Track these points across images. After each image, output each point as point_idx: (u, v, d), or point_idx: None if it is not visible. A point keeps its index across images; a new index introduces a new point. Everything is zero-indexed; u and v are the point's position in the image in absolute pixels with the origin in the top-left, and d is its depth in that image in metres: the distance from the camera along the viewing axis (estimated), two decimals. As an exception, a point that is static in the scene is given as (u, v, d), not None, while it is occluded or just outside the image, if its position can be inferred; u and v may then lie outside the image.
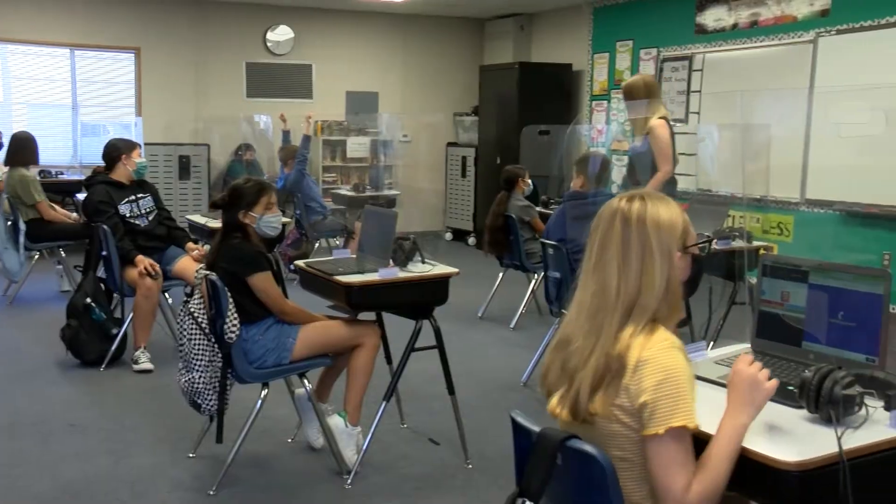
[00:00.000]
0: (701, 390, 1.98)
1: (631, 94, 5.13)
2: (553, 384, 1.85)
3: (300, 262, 3.93)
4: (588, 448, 1.70)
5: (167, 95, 9.84)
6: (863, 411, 1.82)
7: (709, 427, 1.75)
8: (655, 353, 1.71)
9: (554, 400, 1.84)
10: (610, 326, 1.75)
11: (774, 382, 1.77)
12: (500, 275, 6.64)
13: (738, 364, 1.80)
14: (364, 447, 3.63)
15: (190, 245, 5.30)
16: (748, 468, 1.72)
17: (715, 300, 5.11)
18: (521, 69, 9.95)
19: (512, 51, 10.79)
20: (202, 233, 6.20)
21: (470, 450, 3.79)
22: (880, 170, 6.14)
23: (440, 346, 3.70)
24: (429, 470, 3.72)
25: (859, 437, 1.75)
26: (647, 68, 9.06)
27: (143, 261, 4.98)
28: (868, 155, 5.74)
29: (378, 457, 3.80)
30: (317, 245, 8.23)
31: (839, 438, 1.69)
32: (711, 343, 4.68)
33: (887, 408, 1.85)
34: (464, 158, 10.90)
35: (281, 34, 10.44)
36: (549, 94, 9.86)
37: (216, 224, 5.32)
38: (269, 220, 3.61)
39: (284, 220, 6.24)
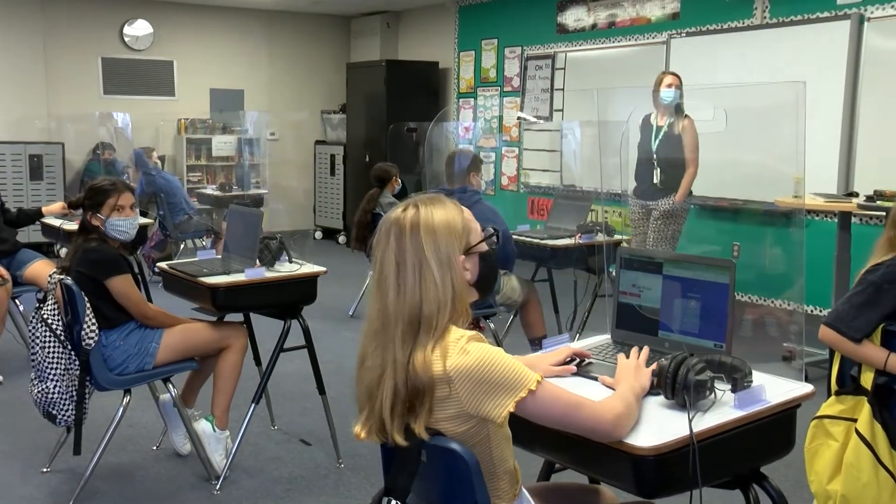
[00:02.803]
0: (572, 381, 2.07)
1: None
2: (362, 403, 1.77)
3: (163, 264, 3.82)
4: (452, 444, 1.70)
5: (13, 90, 9.30)
6: (712, 395, 1.92)
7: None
8: (456, 360, 1.66)
9: (358, 426, 1.77)
10: (395, 345, 1.69)
11: (652, 367, 1.96)
12: (370, 272, 6.62)
13: (620, 357, 1.98)
14: (233, 451, 3.55)
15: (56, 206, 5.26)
16: (608, 457, 1.78)
17: (580, 293, 5.28)
18: (388, 67, 9.96)
19: (379, 48, 10.78)
20: (57, 235, 5.91)
21: (342, 449, 3.77)
22: (727, 165, 6.48)
23: (309, 345, 3.67)
24: (300, 471, 3.68)
25: (708, 420, 1.84)
26: (512, 67, 9.24)
27: (-10, 267, 4.71)
28: (715, 151, 6.03)
29: (248, 460, 3.73)
30: (182, 246, 7.99)
31: (690, 422, 1.78)
32: (578, 335, 4.85)
33: (733, 390, 1.95)
34: (332, 156, 10.82)
35: (139, 29, 10.06)
36: (417, 92, 9.91)
37: (72, 226, 5.08)
38: (116, 223, 3.42)
39: (146, 221, 6.03)
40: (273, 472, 3.66)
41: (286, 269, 3.70)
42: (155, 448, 3.87)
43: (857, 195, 5.14)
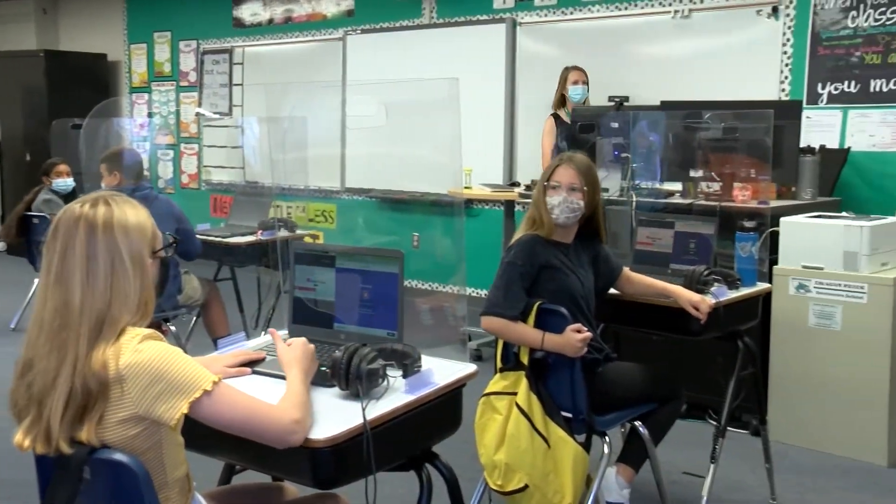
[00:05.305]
0: (251, 381, 2.05)
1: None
2: (22, 412, 1.67)
3: None
4: (119, 456, 1.61)
5: None
6: (385, 382, 1.98)
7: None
8: (129, 359, 1.61)
9: (19, 434, 1.65)
10: (77, 344, 1.61)
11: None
12: (36, 280, 6.07)
13: (294, 342, 1.98)
14: None
15: None
16: (286, 453, 1.77)
17: (263, 290, 5.24)
18: (47, 58, 9.19)
19: (35, 37, 9.90)
20: None
21: None
22: (402, 159, 6.76)
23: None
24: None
25: (381, 406, 1.90)
26: (188, 61, 8.93)
27: None
28: (387, 145, 6.26)
29: None
30: None
31: (364, 410, 1.83)
32: (263, 332, 4.80)
33: (404, 376, 2.03)
34: (-15, 155, 9.79)
35: None
36: (84, 86, 9.24)
37: None
38: None
39: None
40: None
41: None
42: None
43: (518, 185, 5.58)
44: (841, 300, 3.80)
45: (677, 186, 4.48)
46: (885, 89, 5.00)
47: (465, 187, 5.73)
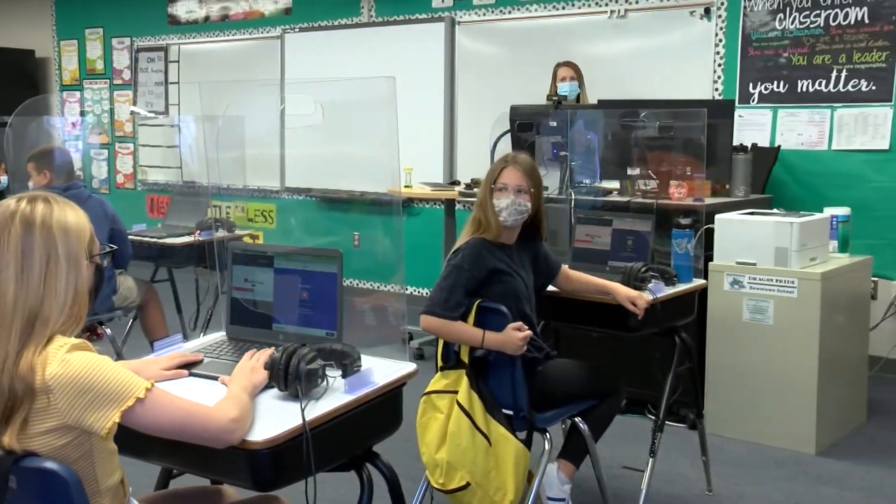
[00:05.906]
0: (189, 384, 2.03)
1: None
2: None
3: None
4: (49, 464, 1.57)
5: None
6: (324, 382, 1.97)
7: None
8: (56, 370, 1.57)
9: None
10: (9, 340, 1.59)
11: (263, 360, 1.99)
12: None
13: (242, 359, 2.01)
14: None
15: None
16: (223, 456, 1.75)
17: (202, 291, 5.16)
18: (-30, 53, 8.92)
19: (-42, 32, 9.61)
20: None
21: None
22: (344, 158, 6.72)
23: None
24: None
25: (321, 406, 1.89)
26: (122, 58, 8.76)
27: None
28: (324, 145, 6.22)
29: None
30: None
31: (303, 411, 1.82)
32: (202, 333, 4.73)
33: (344, 375, 2.02)
34: None
35: None
36: (9, 83, 8.94)
37: None
38: None
39: None
40: None
41: None
42: None
43: (459, 183, 5.60)
44: (773, 295, 3.90)
45: (615, 184, 4.54)
46: (810, 90, 5.14)
47: (406, 186, 5.72)
